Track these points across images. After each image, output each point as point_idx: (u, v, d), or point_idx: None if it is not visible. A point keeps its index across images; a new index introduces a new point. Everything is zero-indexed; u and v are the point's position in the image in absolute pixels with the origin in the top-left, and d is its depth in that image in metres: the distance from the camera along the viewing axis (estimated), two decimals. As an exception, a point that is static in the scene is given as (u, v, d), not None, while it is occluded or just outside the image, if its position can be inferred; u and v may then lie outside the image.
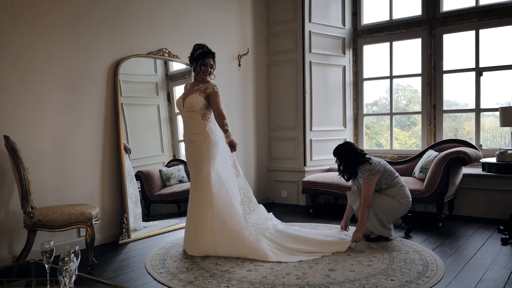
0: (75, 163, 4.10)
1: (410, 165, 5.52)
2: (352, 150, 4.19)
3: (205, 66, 3.95)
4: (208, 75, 3.98)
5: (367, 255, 3.70)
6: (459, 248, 3.94)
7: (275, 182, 6.37)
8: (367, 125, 6.61)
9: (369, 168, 4.06)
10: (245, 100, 6.03)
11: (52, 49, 3.94)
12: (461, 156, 4.62)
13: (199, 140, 3.87)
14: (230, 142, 3.77)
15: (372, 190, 4.03)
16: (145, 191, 4.95)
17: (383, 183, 4.12)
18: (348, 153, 4.18)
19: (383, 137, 6.56)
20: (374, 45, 6.40)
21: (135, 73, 5.03)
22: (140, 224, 4.69)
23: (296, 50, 6.07)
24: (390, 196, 4.11)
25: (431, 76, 5.87)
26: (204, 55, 3.95)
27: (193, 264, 3.55)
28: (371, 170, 4.04)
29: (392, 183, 4.13)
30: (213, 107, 3.89)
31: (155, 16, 4.83)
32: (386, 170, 4.15)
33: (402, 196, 4.12)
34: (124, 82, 4.94)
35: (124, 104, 4.84)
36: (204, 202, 3.83)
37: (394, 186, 4.13)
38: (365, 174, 4.04)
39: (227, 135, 3.79)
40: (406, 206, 4.14)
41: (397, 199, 4.10)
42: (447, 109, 5.88)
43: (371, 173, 4.03)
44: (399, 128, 6.37)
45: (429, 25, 5.85)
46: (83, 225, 3.42)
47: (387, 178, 4.13)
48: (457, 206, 5.29)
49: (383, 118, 6.51)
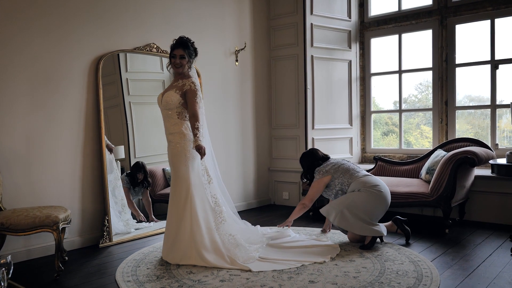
0: (51, 164, 3.93)
1: (417, 166, 5.14)
2: (313, 156, 4.27)
3: (174, 58, 3.63)
4: (180, 67, 3.64)
5: (356, 265, 3.37)
6: (462, 259, 3.56)
7: (277, 183, 6.08)
8: (394, 123, 6.18)
9: (319, 168, 4.12)
10: (243, 97, 5.75)
11: (29, 46, 3.78)
12: (470, 156, 4.22)
13: (175, 140, 3.62)
14: (197, 146, 3.42)
15: (315, 191, 4.07)
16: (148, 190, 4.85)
17: (339, 184, 4.00)
18: (308, 159, 4.28)
19: (412, 135, 6.14)
20: (382, 38, 6.01)
21: (142, 70, 4.89)
22: (130, 226, 4.50)
23: (297, 44, 5.76)
24: (355, 191, 3.91)
25: (443, 70, 5.45)
26: (174, 46, 3.66)
27: (166, 272, 3.31)
28: (319, 170, 4.11)
29: (350, 180, 3.96)
30: (188, 105, 3.59)
31: (142, 8, 4.62)
32: (338, 170, 4.05)
33: (366, 185, 3.90)
34: (131, 81, 4.83)
35: (132, 102, 4.75)
36: (183, 207, 3.57)
37: (353, 181, 3.94)
38: (316, 174, 4.12)
39: (195, 139, 3.45)
40: (377, 193, 3.87)
41: (362, 190, 3.87)
42: (461, 105, 5.46)
43: (319, 173, 4.09)
44: (429, 126, 5.86)
45: (440, 15, 5.43)
46: (48, 229, 3.22)
47: (340, 177, 4.00)
48: (468, 211, 4.87)
49: (412, 116, 6.07)
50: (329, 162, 4.15)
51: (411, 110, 6.01)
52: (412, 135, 6.16)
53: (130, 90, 4.84)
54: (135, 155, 4.91)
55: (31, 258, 3.75)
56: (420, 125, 6.06)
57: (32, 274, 3.39)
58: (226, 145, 5.56)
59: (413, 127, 6.12)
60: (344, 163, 4.11)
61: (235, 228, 3.73)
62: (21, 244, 3.71)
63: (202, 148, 3.41)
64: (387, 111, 6.23)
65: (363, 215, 3.80)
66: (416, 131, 6.05)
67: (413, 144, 6.07)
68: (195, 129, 3.47)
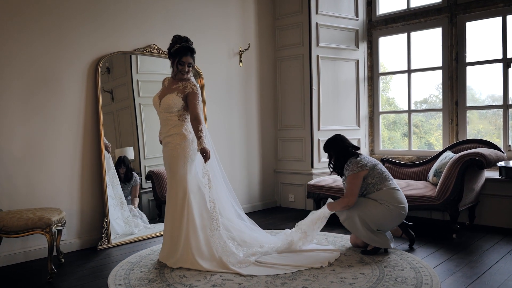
0: (50, 166, 3.92)
1: (425, 168, 4.98)
2: (343, 142, 3.83)
3: (182, 65, 3.57)
4: (187, 74, 3.61)
5: (354, 271, 3.26)
6: (467, 266, 3.41)
7: (282, 185, 5.98)
8: (415, 124, 6.00)
9: (355, 160, 3.68)
10: (247, 98, 5.68)
11: (27, 47, 3.78)
12: (477, 158, 4.05)
13: (174, 141, 3.56)
14: (202, 149, 3.36)
15: (357, 185, 3.62)
16: (156, 191, 4.83)
17: (370, 184, 3.68)
18: (338, 145, 3.82)
19: (433, 136, 5.96)
20: (390, 36, 5.86)
21: (152, 72, 4.87)
22: (131, 224, 4.47)
23: (302, 44, 5.66)
24: (378, 201, 3.65)
25: (453, 69, 5.28)
26: (182, 53, 3.56)
27: (159, 275, 3.26)
28: (357, 163, 3.65)
29: (379, 186, 3.67)
30: (190, 108, 3.54)
31: (142, 8, 4.59)
32: (375, 168, 3.70)
33: (392, 200, 3.63)
34: (141, 82, 4.83)
35: (142, 104, 4.75)
36: (180, 210, 3.52)
37: (381, 190, 3.66)
38: (351, 166, 3.66)
39: (199, 142, 3.39)
40: (397, 213, 3.64)
41: (386, 204, 3.62)
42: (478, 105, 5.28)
43: (357, 166, 3.63)
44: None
45: (450, 13, 5.26)
46: (41, 231, 3.20)
47: (374, 177, 3.68)
48: (479, 215, 4.70)
49: (433, 117, 5.88)
50: (364, 156, 3.75)
51: (420, 110, 5.85)
52: (433, 136, 5.95)
53: (140, 92, 4.83)
54: (144, 156, 4.90)
55: (28, 260, 3.75)
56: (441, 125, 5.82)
57: (26, 276, 3.38)
58: (231, 147, 5.50)
59: (434, 127, 5.92)
60: (379, 163, 3.77)
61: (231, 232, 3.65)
62: (18, 246, 3.71)
63: (207, 152, 3.35)
64: (395, 112, 6.07)
65: (374, 226, 3.64)
66: (437, 131, 5.84)
67: (434, 145, 5.86)
68: (198, 132, 3.40)
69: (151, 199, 4.89)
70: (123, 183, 4.54)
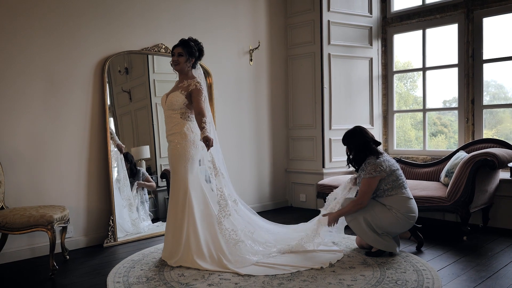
0: (56, 163, 3.99)
1: (437, 168, 4.84)
2: (364, 136, 3.62)
3: (173, 55, 3.64)
4: (178, 65, 3.61)
5: (354, 273, 3.20)
6: (474, 269, 3.29)
7: (294, 184, 5.93)
8: (443, 123, 5.85)
9: (375, 162, 3.50)
10: (258, 97, 5.65)
11: (32, 44, 3.86)
12: (489, 158, 3.92)
13: (175, 140, 3.58)
14: (205, 137, 3.34)
15: (372, 189, 3.50)
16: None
17: (382, 189, 3.56)
18: (358, 138, 3.61)
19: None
20: (405, 33, 5.73)
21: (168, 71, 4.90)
22: (138, 226, 4.52)
23: (314, 42, 5.60)
24: (387, 206, 3.55)
25: (469, 67, 5.12)
26: (174, 45, 3.67)
27: (158, 274, 3.27)
28: (376, 166, 3.48)
29: (391, 192, 3.54)
30: (194, 105, 3.55)
31: (149, 7, 4.62)
32: (392, 174, 3.56)
33: (401, 208, 3.52)
34: (158, 82, 4.89)
35: (158, 103, 4.81)
36: (181, 209, 3.53)
37: (392, 196, 3.54)
38: (368, 168, 3.50)
39: (202, 131, 3.39)
40: (404, 221, 3.53)
41: (394, 211, 3.52)
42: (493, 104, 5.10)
43: (376, 170, 3.47)
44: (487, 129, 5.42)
45: (466, 8, 5.10)
46: (42, 228, 3.26)
47: (389, 183, 3.55)
48: (493, 217, 4.54)
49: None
50: (385, 158, 3.57)
51: (434, 109, 5.69)
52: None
53: (157, 91, 4.88)
54: (160, 155, 4.94)
55: (34, 257, 3.82)
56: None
57: (29, 273, 3.45)
58: (240, 146, 5.48)
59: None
60: (398, 169, 3.60)
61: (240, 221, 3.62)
62: (25, 242, 3.80)
63: (210, 140, 3.33)
64: (409, 111, 5.94)
65: (379, 230, 3.55)
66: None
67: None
68: (202, 123, 3.40)
69: (167, 197, 4.92)
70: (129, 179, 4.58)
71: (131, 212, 4.47)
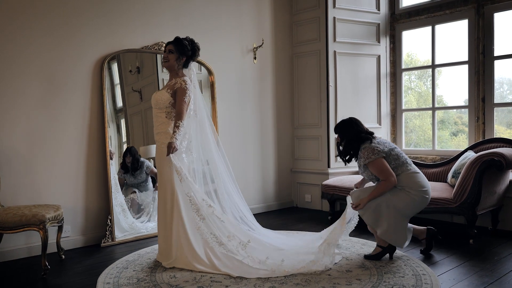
0: (54, 163, 3.98)
1: (445, 168, 4.68)
2: (357, 126, 3.54)
3: (164, 52, 3.63)
4: (167, 62, 3.56)
5: (350, 277, 3.09)
6: (477, 274, 3.15)
7: (299, 184, 5.83)
8: (464, 123, 5.65)
9: (369, 146, 3.42)
10: (262, 96, 5.57)
11: (32, 44, 3.86)
12: (496, 158, 3.76)
13: (161, 139, 3.52)
14: (169, 143, 3.34)
15: (385, 166, 3.34)
16: None
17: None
18: (352, 129, 3.54)
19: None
20: (413, 30, 5.57)
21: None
22: (139, 228, 4.47)
23: (319, 40, 5.49)
24: (397, 187, 3.40)
25: (479, 63, 4.94)
26: (167, 43, 3.64)
27: (149, 275, 3.22)
28: (372, 149, 3.39)
29: (397, 171, 3.40)
30: (176, 104, 3.49)
31: (150, 5, 4.58)
32: (391, 154, 3.43)
33: (413, 185, 3.37)
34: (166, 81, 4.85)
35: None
36: (170, 210, 3.47)
37: (399, 175, 3.40)
38: (365, 153, 3.41)
39: (172, 135, 3.38)
40: (420, 198, 3.38)
41: (406, 190, 3.37)
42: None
43: (373, 153, 3.37)
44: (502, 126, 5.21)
45: (476, 3, 4.92)
46: (34, 228, 3.24)
47: (391, 163, 3.40)
48: (503, 219, 4.37)
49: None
50: (380, 141, 3.50)
51: (444, 108, 5.52)
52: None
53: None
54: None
55: (31, 256, 3.81)
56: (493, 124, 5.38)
57: (22, 272, 3.44)
58: (244, 145, 5.41)
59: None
60: (396, 147, 3.52)
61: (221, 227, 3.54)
62: (22, 241, 3.79)
63: (172, 147, 3.33)
64: (419, 109, 5.78)
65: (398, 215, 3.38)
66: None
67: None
68: (175, 127, 3.40)
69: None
70: (132, 173, 4.54)
71: (126, 218, 4.40)
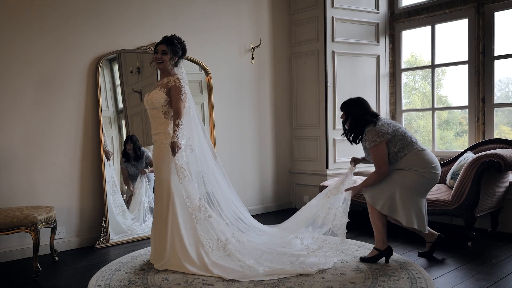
0: (49, 164, 3.95)
1: (444, 170, 4.61)
2: (364, 106, 3.50)
3: (156, 53, 3.54)
4: (162, 63, 3.52)
5: (345, 280, 3.04)
6: (474, 277, 3.10)
7: (298, 185, 5.79)
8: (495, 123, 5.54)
9: (374, 129, 3.37)
10: (260, 96, 5.53)
11: (31, 44, 3.85)
12: (495, 160, 3.70)
13: (160, 140, 3.49)
14: (172, 142, 3.30)
15: (385, 152, 3.34)
16: None
17: (393, 153, 3.38)
18: (358, 108, 3.49)
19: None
20: (413, 30, 5.52)
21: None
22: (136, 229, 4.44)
23: (317, 40, 5.44)
24: (405, 169, 3.37)
25: (479, 63, 4.87)
26: (157, 43, 3.59)
27: (141, 278, 3.18)
28: (377, 132, 3.35)
29: (404, 152, 3.37)
30: (172, 103, 3.45)
31: (146, 5, 4.55)
32: (396, 134, 3.39)
33: (420, 163, 3.34)
34: None
35: None
36: (165, 211, 3.43)
37: (406, 155, 3.36)
38: (370, 136, 3.37)
39: (172, 135, 3.34)
40: (430, 175, 3.35)
41: (414, 169, 3.34)
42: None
43: (378, 135, 3.33)
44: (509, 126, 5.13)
45: (476, 2, 4.86)
46: (26, 230, 3.22)
47: (397, 144, 3.37)
48: (503, 221, 4.30)
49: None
50: (384, 122, 3.44)
51: (443, 108, 5.46)
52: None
53: None
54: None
55: (25, 257, 3.79)
56: (498, 125, 5.32)
57: (15, 273, 3.41)
58: (242, 146, 5.37)
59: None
60: (400, 127, 3.47)
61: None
62: (16, 243, 3.77)
63: (176, 146, 3.29)
64: (418, 110, 5.72)
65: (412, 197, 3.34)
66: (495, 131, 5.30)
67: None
68: (175, 126, 3.36)
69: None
70: (133, 162, 4.51)
71: (125, 219, 4.38)
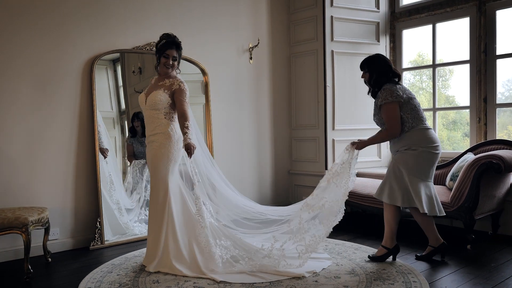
0: (44, 165, 3.93)
1: (444, 171, 4.54)
2: (388, 65, 3.50)
3: (166, 58, 3.48)
4: (171, 68, 3.50)
5: (337, 284, 2.98)
6: (471, 281, 3.03)
7: (297, 186, 5.73)
8: (503, 123, 5.47)
9: (390, 88, 3.34)
10: (258, 96, 5.48)
11: (27, 46, 3.84)
12: (495, 161, 3.62)
13: (159, 140, 3.45)
14: (186, 145, 3.25)
15: (397, 114, 3.30)
16: None
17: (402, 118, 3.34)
18: (381, 63, 3.50)
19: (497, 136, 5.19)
20: (414, 29, 5.44)
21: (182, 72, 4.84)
22: (130, 228, 4.41)
23: (316, 39, 5.37)
24: (405, 147, 3.35)
25: (481, 63, 4.79)
26: (167, 46, 3.49)
27: (132, 279, 3.15)
28: (392, 91, 3.31)
29: (412, 124, 3.33)
30: (177, 106, 3.43)
31: (142, 4, 4.51)
32: (410, 102, 3.36)
33: (421, 141, 3.32)
34: None
35: None
36: (161, 212, 3.40)
37: (411, 130, 3.33)
38: (383, 94, 3.34)
39: (184, 137, 3.29)
40: (428, 154, 3.32)
41: (412, 148, 3.32)
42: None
43: (392, 95, 3.30)
44: None
45: (478, 0, 4.78)
46: (17, 231, 3.20)
47: (407, 112, 3.33)
48: (504, 224, 4.22)
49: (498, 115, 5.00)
50: (402, 86, 3.42)
51: (444, 108, 5.38)
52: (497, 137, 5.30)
53: None
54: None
55: (18, 258, 3.76)
56: (507, 125, 5.23)
57: (6, 275, 3.39)
58: (239, 147, 5.31)
59: (499, 127, 5.30)
60: (415, 97, 3.43)
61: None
62: (8, 244, 3.74)
63: (191, 148, 3.24)
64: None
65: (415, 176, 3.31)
66: (502, 131, 5.23)
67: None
68: (184, 128, 3.31)
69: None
70: (140, 139, 4.51)
71: (122, 215, 4.36)
